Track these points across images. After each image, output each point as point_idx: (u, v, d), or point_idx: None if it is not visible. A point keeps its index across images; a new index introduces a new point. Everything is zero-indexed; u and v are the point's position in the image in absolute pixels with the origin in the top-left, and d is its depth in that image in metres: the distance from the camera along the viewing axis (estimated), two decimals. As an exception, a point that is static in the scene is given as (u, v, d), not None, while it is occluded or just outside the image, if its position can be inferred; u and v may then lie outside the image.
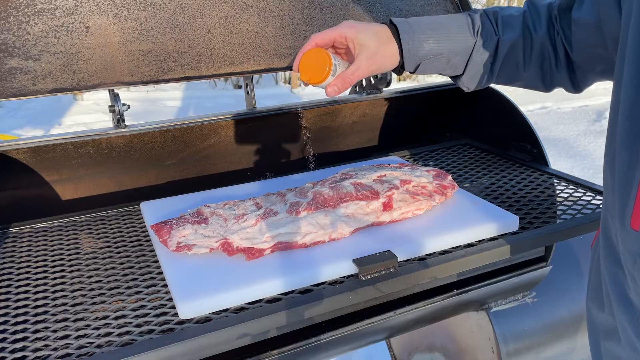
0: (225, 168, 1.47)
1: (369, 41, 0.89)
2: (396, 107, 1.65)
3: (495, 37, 0.91)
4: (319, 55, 0.89)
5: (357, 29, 0.89)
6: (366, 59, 0.89)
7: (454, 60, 0.92)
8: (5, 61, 1.09)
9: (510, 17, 0.92)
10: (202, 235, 0.96)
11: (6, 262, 1.01)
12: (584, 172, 3.74)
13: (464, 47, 0.91)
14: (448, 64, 0.93)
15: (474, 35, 0.91)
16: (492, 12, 0.93)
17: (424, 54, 0.91)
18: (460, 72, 0.95)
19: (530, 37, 0.90)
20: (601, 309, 0.72)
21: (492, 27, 0.91)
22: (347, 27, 0.90)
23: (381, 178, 1.12)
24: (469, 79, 0.95)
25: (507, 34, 0.90)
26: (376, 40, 0.89)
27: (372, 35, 0.89)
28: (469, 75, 0.94)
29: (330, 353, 1.11)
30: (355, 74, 0.89)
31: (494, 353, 1.34)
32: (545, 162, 1.36)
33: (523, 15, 0.91)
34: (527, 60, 0.91)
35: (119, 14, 1.17)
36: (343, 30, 0.89)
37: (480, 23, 0.91)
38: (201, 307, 0.82)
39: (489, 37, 0.91)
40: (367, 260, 0.91)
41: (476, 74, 0.94)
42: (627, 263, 0.62)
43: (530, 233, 1.04)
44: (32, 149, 1.21)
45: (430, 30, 0.90)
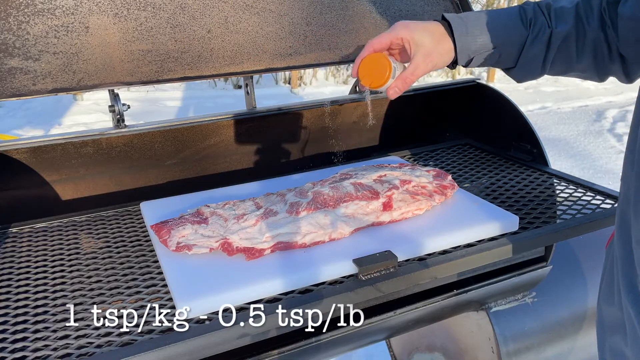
0: (225, 168, 1.47)
1: (424, 40, 0.91)
2: (396, 107, 1.65)
3: (547, 30, 0.91)
4: (379, 60, 0.92)
5: (412, 28, 0.91)
6: (423, 58, 0.91)
7: (506, 54, 0.93)
8: (5, 61, 1.09)
9: (562, 9, 0.92)
10: (202, 235, 0.96)
11: (6, 262, 1.01)
12: (584, 172, 3.74)
13: (517, 40, 0.92)
14: (500, 57, 0.94)
15: (527, 28, 0.92)
16: (545, 4, 0.93)
17: (476, 48, 0.92)
18: (512, 65, 0.95)
19: (583, 29, 0.90)
20: (611, 303, 0.73)
21: (545, 20, 0.91)
22: (401, 28, 0.92)
23: (381, 178, 1.12)
24: (521, 71, 0.96)
25: (559, 27, 0.90)
26: (431, 38, 0.91)
27: (427, 34, 0.91)
28: (521, 67, 0.95)
29: (330, 353, 1.11)
30: (415, 73, 0.92)
31: (494, 353, 1.34)
32: (545, 162, 1.36)
33: (576, 7, 0.91)
34: (580, 52, 0.91)
35: (119, 14, 1.17)
36: (398, 32, 0.92)
37: (532, 16, 0.92)
38: (201, 307, 0.82)
39: (542, 29, 0.91)
40: (367, 260, 0.91)
41: (528, 66, 0.94)
42: (637, 253, 0.62)
43: (530, 233, 1.04)
44: (32, 149, 1.21)
45: (482, 25, 0.92)
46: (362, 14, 1.42)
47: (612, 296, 0.74)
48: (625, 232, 0.67)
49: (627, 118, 5.01)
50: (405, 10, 1.47)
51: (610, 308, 0.74)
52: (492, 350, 1.34)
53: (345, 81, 6.12)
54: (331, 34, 1.38)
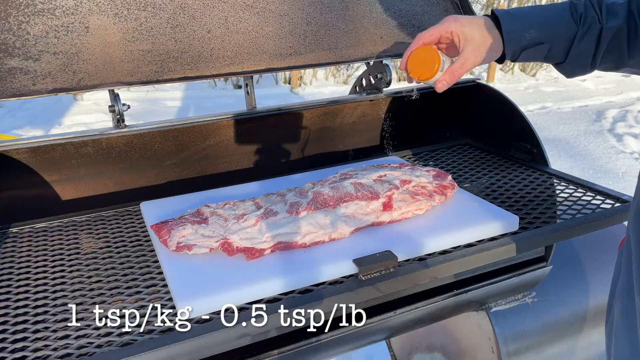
0: (225, 168, 1.47)
1: (474, 33, 0.92)
2: (396, 107, 1.64)
3: (598, 25, 0.91)
4: (428, 53, 0.93)
5: (462, 22, 0.93)
6: (472, 52, 0.92)
7: (555, 49, 0.93)
8: (5, 61, 1.09)
9: (614, 5, 0.91)
10: (202, 235, 0.96)
11: (6, 262, 1.01)
12: (584, 172, 3.74)
13: (566, 35, 0.92)
14: (550, 52, 0.94)
15: (577, 23, 0.91)
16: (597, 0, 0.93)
17: (525, 43, 0.93)
18: (562, 60, 0.95)
19: (635, 25, 0.90)
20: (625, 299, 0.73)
21: (596, 15, 0.91)
22: (451, 21, 0.93)
23: (381, 178, 1.12)
24: (571, 67, 0.96)
25: (610, 22, 0.90)
26: (480, 33, 0.92)
27: (476, 28, 0.92)
28: (570, 62, 0.95)
29: (330, 353, 1.11)
30: (463, 67, 0.93)
31: (494, 353, 1.34)
32: (545, 162, 1.36)
33: (628, 3, 0.91)
34: (632, 48, 0.91)
35: (119, 14, 1.17)
36: (449, 26, 0.93)
37: (583, 10, 0.92)
38: (201, 307, 0.82)
39: (592, 25, 0.91)
40: (367, 260, 0.91)
41: (578, 61, 0.94)
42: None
43: (530, 233, 1.04)
44: (32, 149, 1.21)
45: (531, 19, 0.92)
46: (362, 14, 1.42)
47: None
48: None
49: (627, 118, 5.01)
50: (405, 10, 1.47)
51: None
52: (492, 350, 1.34)
53: (345, 81, 6.12)
54: (331, 34, 1.38)
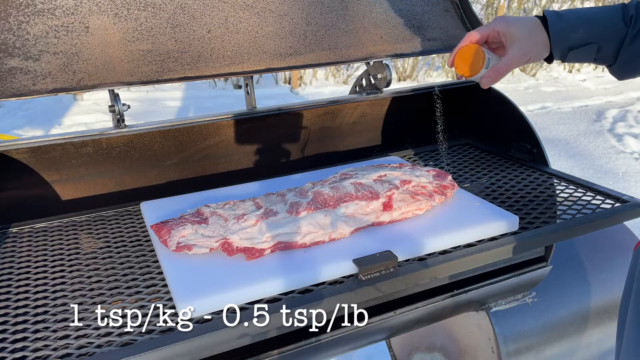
0: (225, 168, 1.47)
1: (520, 33, 0.93)
2: (396, 107, 1.64)
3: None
4: (474, 51, 0.96)
5: (509, 22, 0.94)
6: (518, 50, 0.93)
7: (604, 50, 0.94)
8: (5, 61, 1.09)
9: None
10: (202, 235, 0.96)
11: (6, 262, 1.01)
12: (584, 172, 3.74)
13: (615, 36, 0.92)
14: (599, 53, 0.94)
15: (627, 24, 0.91)
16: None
17: (572, 43, 0.93)
18: (612, 62, 0.95)
19: None
20: None
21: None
22: (499, 22, 0.95)
23: (381, 178, 1.12)
24: (622, 69, 0.96)
25: None
26: (527, 32, 0.93)
27: (523, 27, 0.94)
28: (621, 64, 0.95)
29: (330, 353, 1.11)
30: (509, 64, 0.94)
31: (494, 353, 1.34)
32: (545, 162, 1.36)
33: None
34: None
35: (119, 14, 1.17)
36: (496, 26, 0.95)
37: (634, 12, 0.92)
38: (201, 307, 0.82)
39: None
40: (367, 260, 0.91)
41: (629, 63, 0.94)
42: None
43: (530, 233, 1.04)
44: (32, 149, 1.21)
45: (580, 20, 0.93)
46: (362, 14, 1.42)
47: None
48: None
49: (627, 118, 5.01)
50: (405, 10, 1.47)
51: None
52: (492, 350, 1.34)
53: (345, 81, 6.12)
54: (331, 34, 1.38)
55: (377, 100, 1.58)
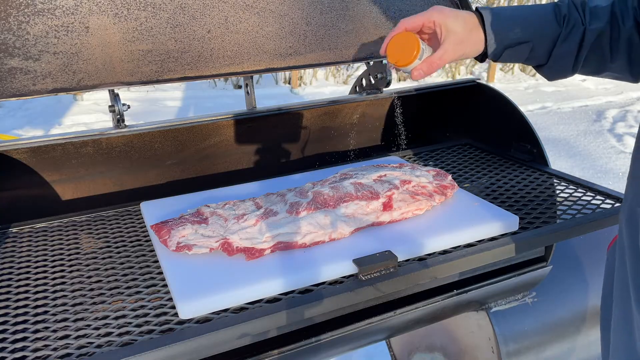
0: (225, 168, 1.47)
1: (457, 27, 0.91)
2: (396, 107, 1.64)
3: (581, 27, 0.90)
4: (408, 39, 0.91)
5: (446, 14, 0.91)
6: (453, 45, 0.91)
7: (538, 49, 0.93)
8: (5, 61, 1.09)
9: (597, 7, 0.91)
10: (202, 235, 0.96)
11: (6, 262, 1.01)
12: (584, 172, 3.74)
13: (549, 35, 0.91)
14: (532, 53, 0.93)
15: (560, 24, 0.91)
16: (581, 2, 0.93)
17: (508, 42, 0.92)
18: (544, 62, 0.95)
19: (618, 28, 0.89)
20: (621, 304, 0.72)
21: (579, 17, 0.91)
22: (436, 12, 0.92)
23: (381, 178, 1.12)
24: (552, 69, 0.95)
25: (593, 24, 0.90)
26: (463, 27, 0.91)
27: (460, 22, 0.91)
28: (552, 64, 0.94)
29: (330, 353, 1.11)
30: (442, 58, 0.91)
31: (494, 353, 1.34)
32: (545, 162, 1.36)
33: (611, 6, 0.91)
34: (615, 51, 0.91)
35: (119, 14, 1.17)
36: (432, 15, 0.92)
37: (567, 12, 0.91)
38: (201, 307, 0.82)
39: (575, 26, 0.90)
40: (367, 260, 0.91)
41: (560, 63, 0.94)
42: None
43: (530, 233, 1.04)
44: (32, 149, 1.21)
45: (515, 19, 0.92)
46: (362, 14, 1.42)
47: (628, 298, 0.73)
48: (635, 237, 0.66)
49: (627, 118, 5.01)
50: (405, 10, 1.47)
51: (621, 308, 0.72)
52: (492, 350, 1.34)
53: (345, 81, 6.12)
54: (331, 34, 1.38)
55: (377, 100, 1.59)
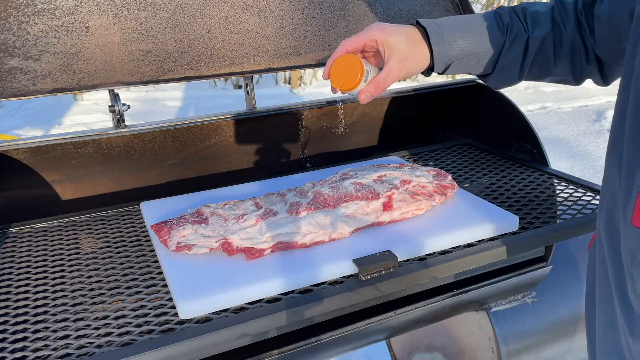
0: (225, 168, 1.47)
1: (400, 44, 0.88)
2: (396, 107, 1.65)
3: (525, 35, 0.90)
4: (351, 62, 0.88)
5: (387, 32, 0.89)
6: (397, 63, 0.88)
7: (483, 60, 0.92)
8: (5, 61, 1.09)
9: (538, 13, 0.91)
10: (202, 235, 0.96)
11: (6, 262, 1.01)
12: (584, 172, 3.74)
13: (494, 46, 0.91)
14: (478, 64, 0.93)
15: (504, 33, 0.91)
16: (521, 9, 0.93)
17: (454, 54, 0.91)
18: (489, 71, 0.94)
19: (560, 33, 0.90)
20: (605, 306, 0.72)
21: (522, 25, 0.91)
22: (376, 30, 0.89)
23: (381, 178, 1.12)
24: (499, 78, 0.95)
25: (536, 31, 0.90)
26: (406, 43, 0.89)
27: (403, 38, 0.89)
28: (498, 73, 0.94)
29: (330, 353, 1.11)
30: (388, 78, 0.89)
31: (494, 353, 1.34)
32: (545, 162, 1.36)
33: (551, 11, 0.91)
34: (558, 56, 0.91)
35: (119, 14, 1.17)
36: (373, 34, 0.89)
37: (509, 21, 0.91)
38: (201, 307, 0.82)
39: (519, 34, 0.90)
40: (367, 260, 0.91)
41: (506, 72, 0.93)
42: (626, 260, 0.62)
43: (530, 233, 1.04)
44: (32, 149, 1.21)
45: (459, 31, 0.90)
46: (363, 14, 1.42)
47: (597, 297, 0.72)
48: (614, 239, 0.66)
49: (627, 118, 5.00)
50: (405, 11, 1.47)
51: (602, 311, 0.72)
52: (492, 350, 1.34)
53: (345, 81, 6.11)
54: (331, 34, 1.38)
55: (377, 100, 1.59)
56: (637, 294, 0.60)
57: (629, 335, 0.63)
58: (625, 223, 0.61)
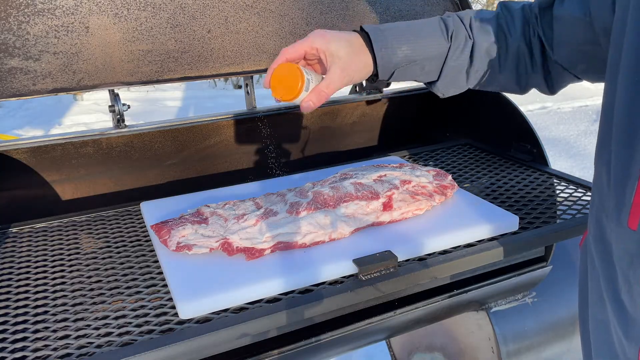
0: (225, 168, 1.47)
1: (341, 51, 0.85)
2: (396, 107, 1.65)
3: (469, 42, 0.89)
4: (290, 71, 0.84)
5: (328, 39, 0.85)
6: (340, 71, 0.85)
7: (428, 67, 0.90)
8: (5, 61, 1.09)
9: (483, 20, 0.90)
10: (202, 235, 0.96)
11: (6, 262, 1.01)
12: (584, 172, 3.74)
13: (438, 52, 0.89)
14: (423, 71, 0.91)
15: (448, 40, 0.89)
16: (466, 15, 0.91)
17: (397, 61, 0.88)
18: (435, 79, 0.93)
19: (505, 40, 0.89)
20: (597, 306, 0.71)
21: (466, 32, 0.89)
22: (317, 37, 0.86)
23: (381, 178, 1.12)
24: (444, 85, 0.93)
25: (481, 38, 0.89)
26: (348, 50, 0.86)
27: (344, 45, 0.86)
28: (444, 81, 0.92)
29: (330, 353, 1.11)
30: (330, 87, 0.86)
31: (494, 353, 1.34)
32: (545, 162, 1.36)
33: (497, 18, 0.90)
34: (503, 63, 0.90)
35: (119, 14, 1.17)
36: (314, 42, 0.86)
37: (453, 28, 0.89)
38: (201, 307, 0.82)
39: (464, 41, 0.89)
40: (367, 260, 0.91)
41: (451, 79, 0.92)
42: (621, 263, 0.61)
43: (530, 233, 1.04)
44: (32, 149, 1.21)
45: (403, 37, 0.88)
46: (363, 14, 1.42)
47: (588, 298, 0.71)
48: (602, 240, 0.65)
49: (627, 118, 5.01)
50: (405, 11, 1.47)
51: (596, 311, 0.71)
52: (492, 350, 1.34)
53: (345, 81, 6.11)
54: (331, 34, 1.38)
55: (377, 100, 1.59)
56: (634, 297, 0.59)
57: (624, 338, 0.62)
58: (619, 225, 0.60)
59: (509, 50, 0.89)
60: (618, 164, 0.60)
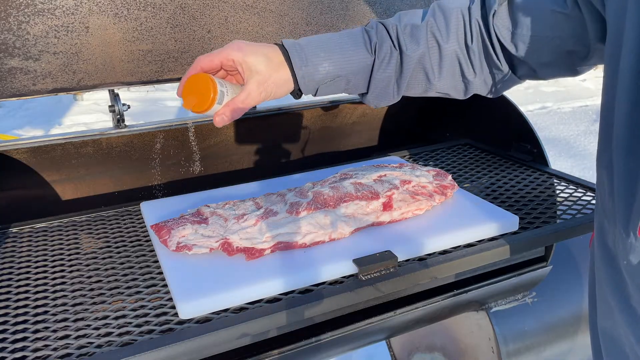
0: (225, 168, 1.47)
1: (259, 66, 0.81)
2: (396, 107, 1.64)
3: (395, 52, 0.85)
4: (203, 82, 0.80)
5: (245, 52, 0.82)
6: (257, 86, 0.82)
7: (354, 81, 0.87)
8: (5, 61, 1.09)
9: (412, 27, 0.86)
10: (202, 235, 0.96)
11: (6, 262, 1.01)
12: (584, 172, 3.75)
13: (363, 66, 0.85)
14: (349, 85, 0.87)
15: (372, 53, 0.85)
16: (391, 24, 0.87)
17: (320, 77, 0.84)
18: (364, 91, 0.89)
19: (438, 47, 0.85)
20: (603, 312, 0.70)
21: (391, 42, 0.85)
22: (234, 49, 0.82)
23: (381, 178, 1.12)
24: (375, 97, 0.90)
25: (411, 47, 0.85)
26: (267, 65, 0.82)
27: (263, 59, 0.82)
28: (374, 93, 0.89)
29: (330, 353, 1.11)
30: (246, 102, 0.82)
31: (494, 353, 1.34)
32: (545, 162, 1.36)
33: (427, 25, 0.85)
34: (438, 70, 0.86)
35: (119, 14, 1.17)
36: (230, 53, 0.82)
37: (376, 39, 0.85)
38: (201, 307, 0.82)
39: (389, 53, 0.85)
40: (367, 260, 0.91)
41: (381, 91, 0.88)
42: (633, 273, 0.59)
43: (530, 233, 1.04)
44: (32, 149, 1.21)
45: (324, 52, 0.84)
46: (363, 14, 1.42)
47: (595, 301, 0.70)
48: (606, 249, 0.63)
49: (627, 118, 5.01)
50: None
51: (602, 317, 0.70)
52: (492, 350, 1.34)
53: (345, 81, 6.11)
54: (331, 34, 1.38)
55: (377, 100, 1.58)
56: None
57: (636, 344, 0.61)
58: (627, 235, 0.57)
59: (443, 57, 0.85)
60: (623, 173, 0.58)
